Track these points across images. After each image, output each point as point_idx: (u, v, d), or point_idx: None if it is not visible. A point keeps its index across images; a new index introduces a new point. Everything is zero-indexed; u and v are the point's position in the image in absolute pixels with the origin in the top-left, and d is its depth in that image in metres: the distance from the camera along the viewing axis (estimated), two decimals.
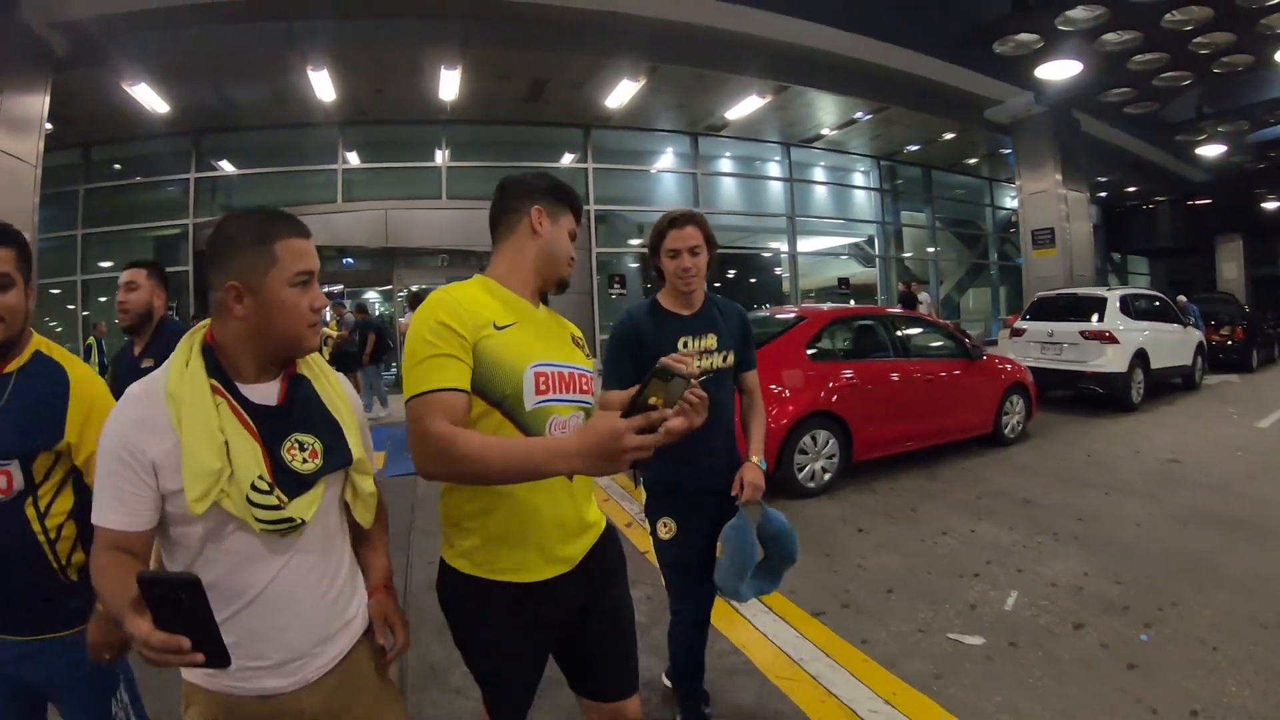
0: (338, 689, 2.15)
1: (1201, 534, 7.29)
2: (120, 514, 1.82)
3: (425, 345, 2.24)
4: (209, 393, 1.91)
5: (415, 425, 2.18)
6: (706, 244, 3.54)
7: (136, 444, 1.83)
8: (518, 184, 2.65)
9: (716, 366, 3.61)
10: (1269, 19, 13.64)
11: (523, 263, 2.58)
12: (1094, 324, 14.26)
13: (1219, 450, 11.01)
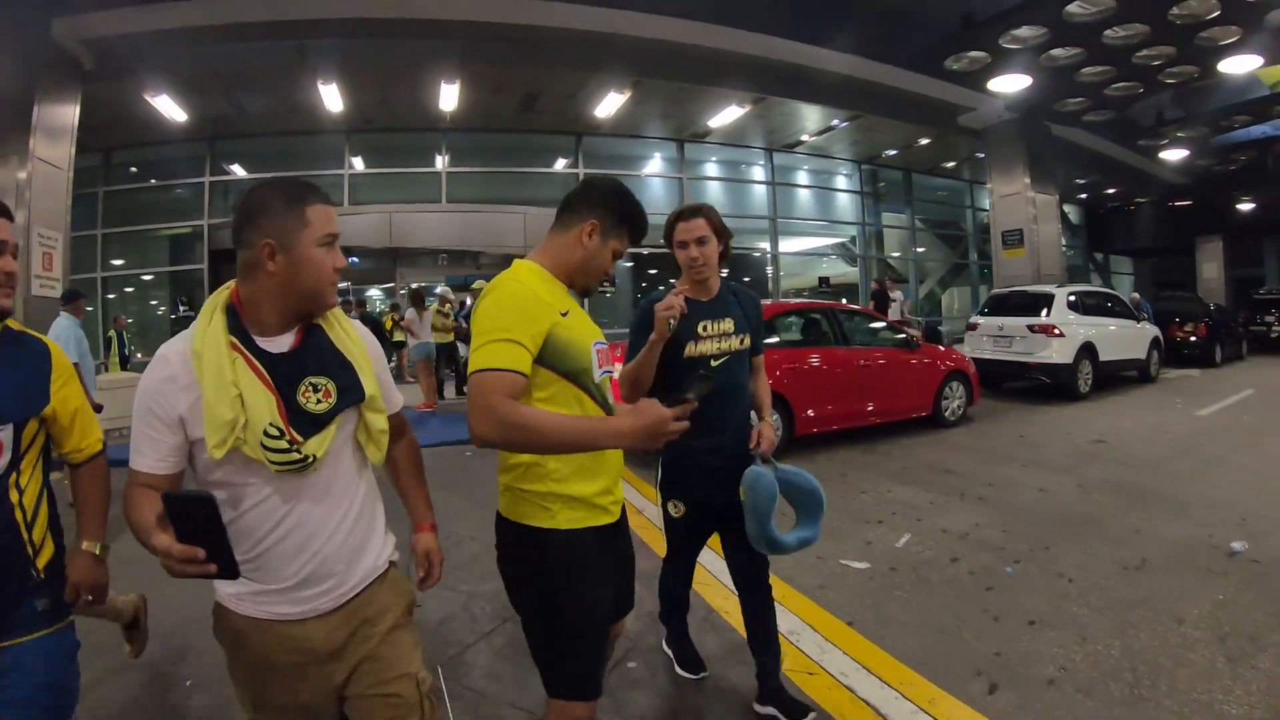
0: (346, 624, 2.33)
1: (1098, 499, 8.24)
2: (150, 459, 2.08)
3: (500, 328, 2.48)
4: (227, 349, 2.11)
5: (480, 395, 2.40)
6: (716, 234, 3.72)
7: (164, 399, 2.08)
8: (592, 191, 2.90)
9: (734, 349, 3.79)
10: (1207, 33, 14.23)
11: (565, 263, 2.81)
12: (1040, 319, 15.16)
13: (1149, 434, 11.84)
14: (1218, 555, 6.46)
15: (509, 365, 2.42)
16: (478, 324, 2.54)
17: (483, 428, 2.38)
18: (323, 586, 2.27)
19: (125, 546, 2.60)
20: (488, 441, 2.41)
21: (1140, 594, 5.68)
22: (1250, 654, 4.66)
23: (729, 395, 3.77)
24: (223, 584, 2.18)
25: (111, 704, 4.29)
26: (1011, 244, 22.28)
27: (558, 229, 2.85)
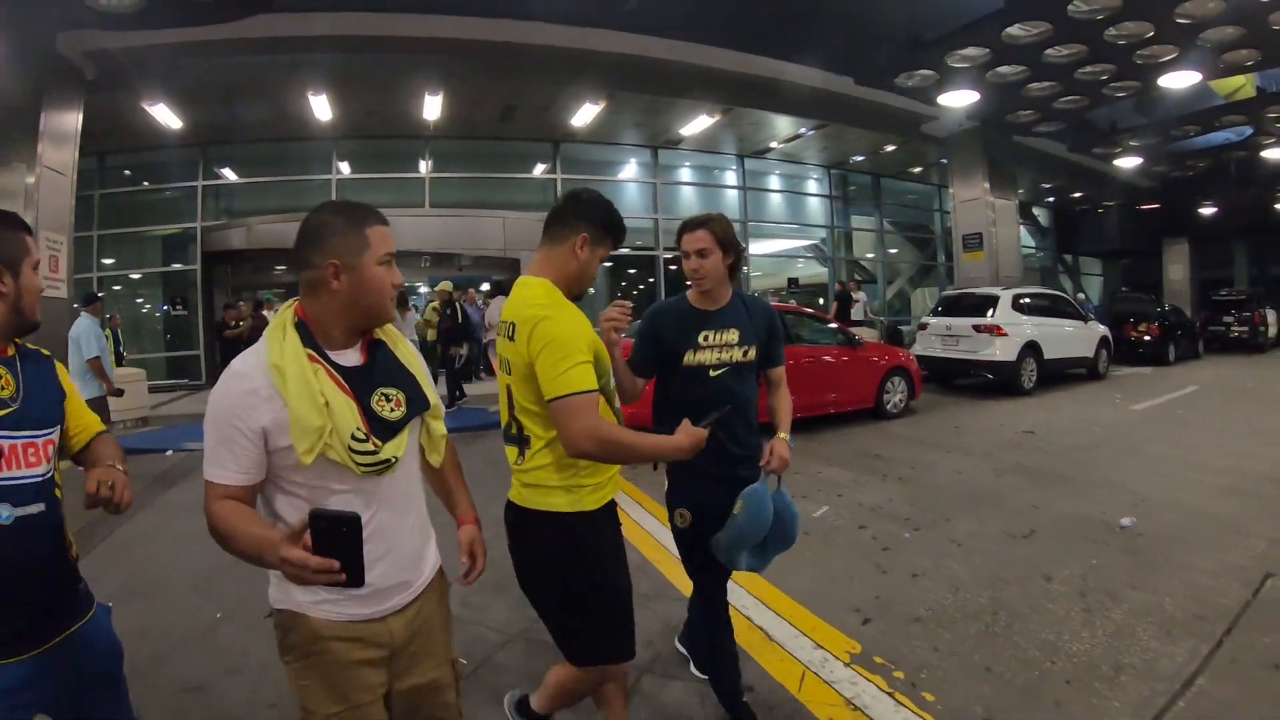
0: (417, 618, 2.48)
1: (1008, 481, 9.09)
2: (233, 471, 2.14)
3: (579, 351, 2.80)
4: (307, 361, 2.21)
5: (582, 416, 2.76)
6: (721, 246, 3.72)
7: (248, 412, 2.14)
8: (578, 204, 3.19)
9: (735, 360, 3.78)
10: (1145, 51, 14.75)
11: (564, 275, 3.10)
12: (986, 319, 15.95)
13: (1078, 426, 12.59)
14: (1104, 529, 7.20)
15: (588, 386, 2.79)
16: (556, 348, 2.80)
17: (587, 445, 2.75)
18: (399, 586, 2.42)
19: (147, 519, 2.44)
20: (587, 455, 2.83)
21: (1019, 556, 6.49)
22: (1106, 607, 5.42)
23: (725, 403, 3.56)
24: (302, 592, 2.25)
25: (159, 638, 5.07)
26: (972, 247, 22.93)
27: (551, 243, 3.16)
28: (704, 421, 3.03)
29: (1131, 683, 4.42)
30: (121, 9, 11.64)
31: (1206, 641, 4.91)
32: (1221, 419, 13.26)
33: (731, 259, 3.78)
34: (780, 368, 4.05)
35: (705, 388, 3.74)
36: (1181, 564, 6.28)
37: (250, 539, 2.03)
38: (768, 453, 3.69)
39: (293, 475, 2.22)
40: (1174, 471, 9.41)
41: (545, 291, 3.02)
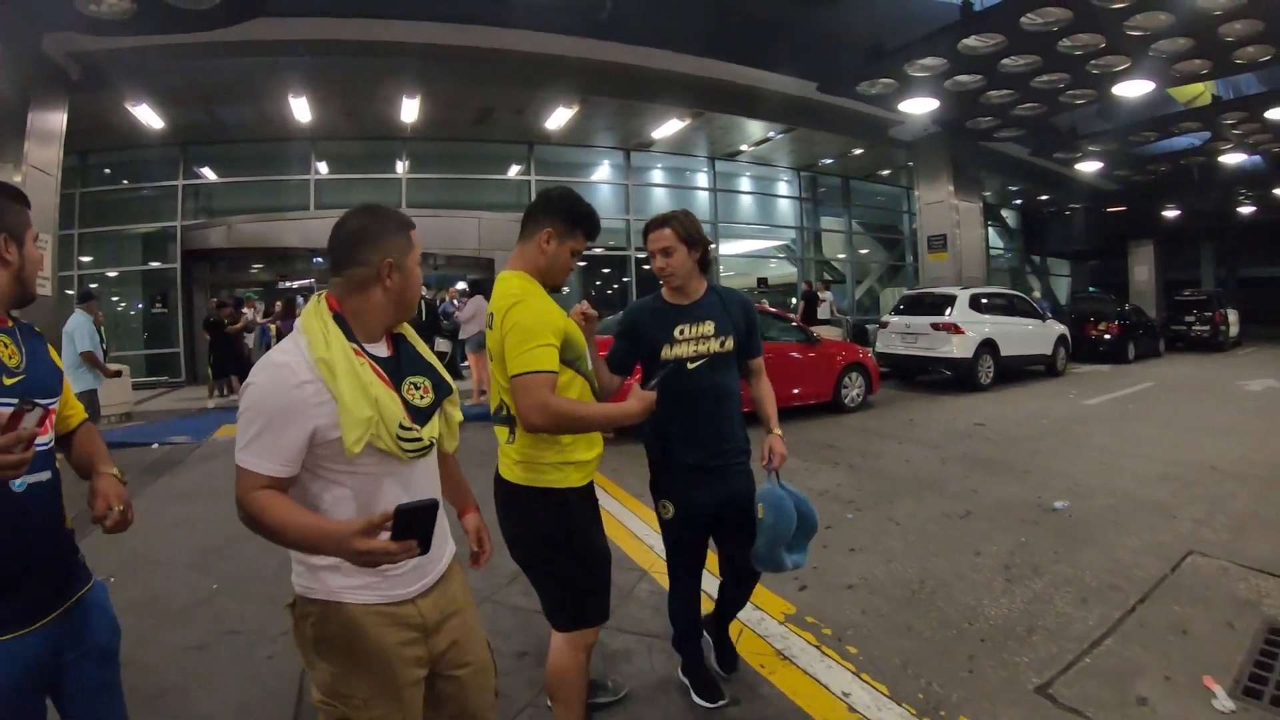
0: (443, 598, 2.54)
1: (953, 468, 9.58)
2: (276, 463, 2.14)
3: (539, 335, 2.99)
4: (353, 354, 2.25)
5: (533, 392, 2.92)
6: (685, 242, 3.75)
7: (299, 406, 2.16)
8: (545, 202, 3.38)
9: (713, 351, 3.80)
10: (1098, 61, 15.07)
11: (535, 268, 3.30)
12: (943, 317, 16.44)
13: (1028, 419, 13.05)
14: (1038, 511, 7.68)
15: (549, 366, 2.98)
16: (519, 331, 3.01)
17: (536, 418, 2.94)
18: (429, 565, 2.48)
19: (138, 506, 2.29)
20: (538, 428, 3.02)
21: (952, 534, 6.97)
22: (1028, 578, 5.89)
23: (708, 396, 3.85)
24: (339, 578, 2.30)
25: (161, 607, 5.56)
26: (936, 248, 23.27)
27: (523, 239, 3.37)
28: (649, 384, 3.23)
29: (1042, 642, 4.83)
30: (113, 16, 11.82)
31: (1119, 609, 5.31)
32: (1170, 413, 13.65)
33: (699, 253, 3.83)
34: (759, 358, 4.09)
35: (685, 380, 3.78)
36: (1107, 542, 6.68)
37: (306, 531, 2.10)
38: (766, 451, 3.78)
39: (331, 464, 2.27)
40: (1114, 461, 9.80)
41: (520, 282, 3.21)
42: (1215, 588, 5.69)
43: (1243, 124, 21.18)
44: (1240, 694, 4.21)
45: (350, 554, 2.00)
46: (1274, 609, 5.25)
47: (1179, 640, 4.85)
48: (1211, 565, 6.15)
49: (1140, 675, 4.43)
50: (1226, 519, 7.35)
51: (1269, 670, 4.44)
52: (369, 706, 2.34)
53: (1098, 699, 4.18)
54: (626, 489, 8.66)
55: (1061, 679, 4.42)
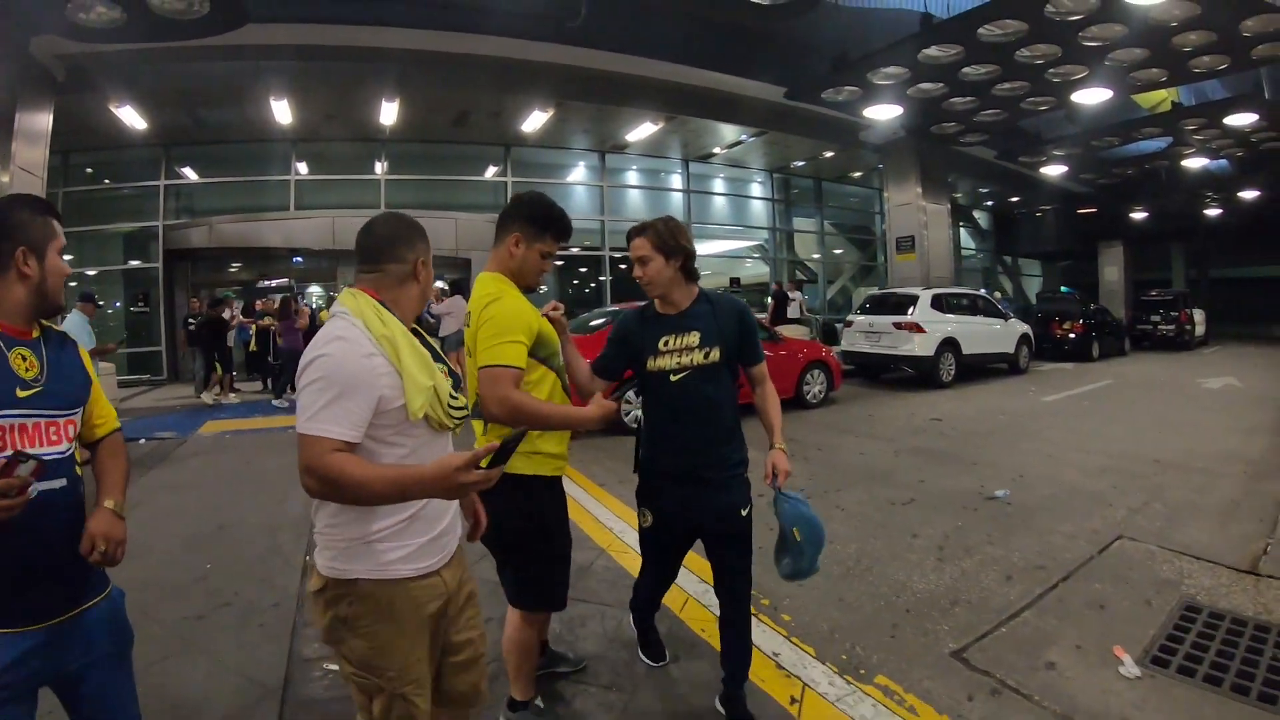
0: (458, 565, 2.72)
1: (904, 460, 9.98)
2: (346, 428, 2.24)
3: (509, 331, 3.19)
4: (408, 332, 2.49)
5: (497, 385, 3.10)
6: (662, 251, 3.63)
7: (369, 375, 2.30)
8: (514, 207, 3.56)
9: (697, 363, 3.67)
10: (1056, 70, 15.41)
11: (507, 270, 3.50)
12: (905, 317, 16.84)
13: (984, 414, 13.44)
14: (979, 499, 8.06)
15: (514, 362, 3.17)
16: (491, 326, 3.23)
17: (495, 409, 3.11)
18: (453, 533, 2.70)
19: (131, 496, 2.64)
20: (496, 419, 3.20)
21: (894, 519, 7.37)
22: (959, 557, 6.29)
23: (693, 408, 3.74)
24: (376, 556, 2.43)
25: (159, 585, 5.96)
26: (904, 249, 23.72)
27: (496, 243, 3.55)
28: (614, 395, 3.42)
29: (963, 613, 5.22)
30: (102, 24, 12.05)
31: (1042, 586, 5.69)
32: (1124, 409, 14.03)
33: (679, 262, 3.71)
34: (759, 365, 3.97)
35: (668, 392, 3.76)
36: (1040, 528, 7.06)
37: (395, 479, 2.21)
38: (769, 467, 3.71)
39: (386, 432, 2.40)
40: (1061, 454, 10.18)
41: (495, 283, 3.44)
42: (1139, 569, 6.00)
43: (1204, 129, 21.58)
44: (1148, 663, 4.50)
45: (452, 487, 2.18)
46: (1194, 589, 5.57)
47: (1095, 615, 5.18)
48: (1139, 549, 6.46)
49: (1052, 644, 4.77)
50: (1162, 508, 7.67)
51: (1179, 642, 4.74)
52: (404, 676, 2.49)
53: (1008, 663, 4.51)
54: (591, 478, 8.93)
55: (976, 645, 4.76)
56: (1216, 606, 5.27)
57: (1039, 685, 4.30)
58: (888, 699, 4.20)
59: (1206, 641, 4.78)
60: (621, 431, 11.36)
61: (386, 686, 2.47)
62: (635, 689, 4.38)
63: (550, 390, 3.56)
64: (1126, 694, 4.19)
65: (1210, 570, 5.97)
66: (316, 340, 2.39)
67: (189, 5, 11.75)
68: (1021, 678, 4.38)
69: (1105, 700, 4.13)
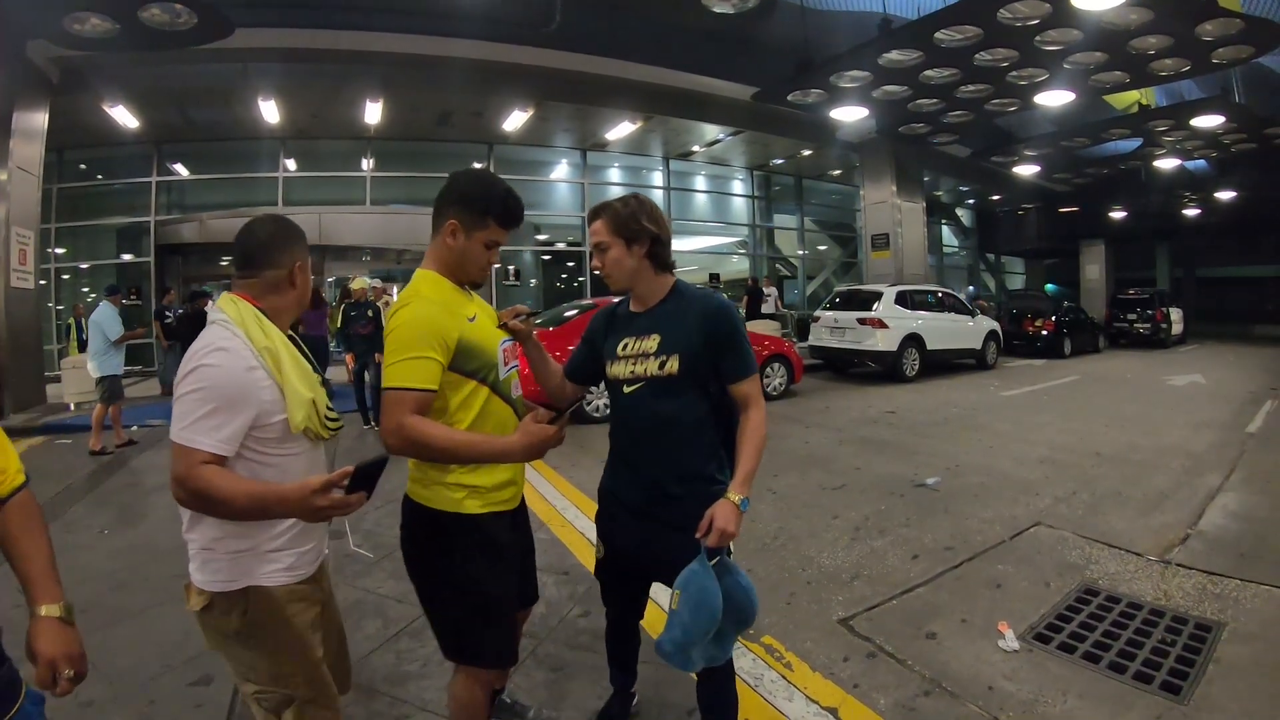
0: (324, 575, 2.71)
1: (846, 449, 10.33)
2: (218, 441, 2.18)
3: (412, 346, 2.64)
4: (289, 343, 2.43)
5: (392, 411, 2.59)
6: (622, 237, 3.07)
7: (250, 390, 2.25)
8: (447, 189, 2.91)
9: (651, 374, 3.07)
10: (1017, 72, 15.68)
11: (445, 265, 2.93)
12: (869, 312, 17.21)
13: (940, 407, 13.76)
14: (908, 485, 8.37)
15: (418, 384, 2.63)
16: (393, 341, 2.67)
17: (391, 440, 2.62)
18: (322, 545, 2.68)
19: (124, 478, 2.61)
20: (394, 451, 2.61)
21: (820, 502, 7.74)
22: (872, 537, 6.66)
23: (645, 429, 3.16)
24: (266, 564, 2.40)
25: (153, 548, 6.47)
26: (879, 246, 24.17)
27: (433, 233, 2.93)
28: (554, 417, 2.65)
29: (860, 587, 5.59)
30: (96, 35, 12.51)
31: (944, 565, 6.02)
32: (1081, 404, 14.29)
33: (643, 248, 3.11)
34: (741, 382, 3.12)
35: (622, 408, 3.27)
36: (961, 513, 7.35)
37: (259, 496, 2.16)
38: (706, 522, 2.86)
39: (263, 446, 2.34)
40: (1003, 445, 10.49)
41: (421, 282, 2.91)
42: (1048, 553, 6.27)
43: (1173, 131, 21.84)
44: (1030, 638, 4.73)
45: (309, 510, 2.13)
46: (1098, 574, 5.79)
47: (990, 593, 5.46)
48: (1053, 535, 6.73)
49: (938, 617, 5.06)
50: (1088, 497, 7.93)
51: (1068, 622, 4.97)
52: (311, 682, 2.49)
53: (890, 631, 4.84)
54: (544, 459, 9.18)
55: (864, 615, 5.11)
56: (1115, 591, 5.47)
57: (915, 652, 4.58)
58: (768, 654, 4.53)
59: (1095, 622, 4.97)
60: (582, 420, 11.81)
61: (298, 695, 2.47)
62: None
63: (480, 412, 2.90)
64: (1000, 665, 4.43)
65: (1119, 557, 6.18)
66: (197, 348, 2.31)
67: (177, 17, 12.12)
68: (900, 644, 4.68)
69: (976, 669, 4.38)
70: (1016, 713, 3.97)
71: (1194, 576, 5.76)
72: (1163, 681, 4.24)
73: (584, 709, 4.07)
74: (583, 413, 11.91)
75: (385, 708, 4.12)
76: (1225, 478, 8.76)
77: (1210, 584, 5.61)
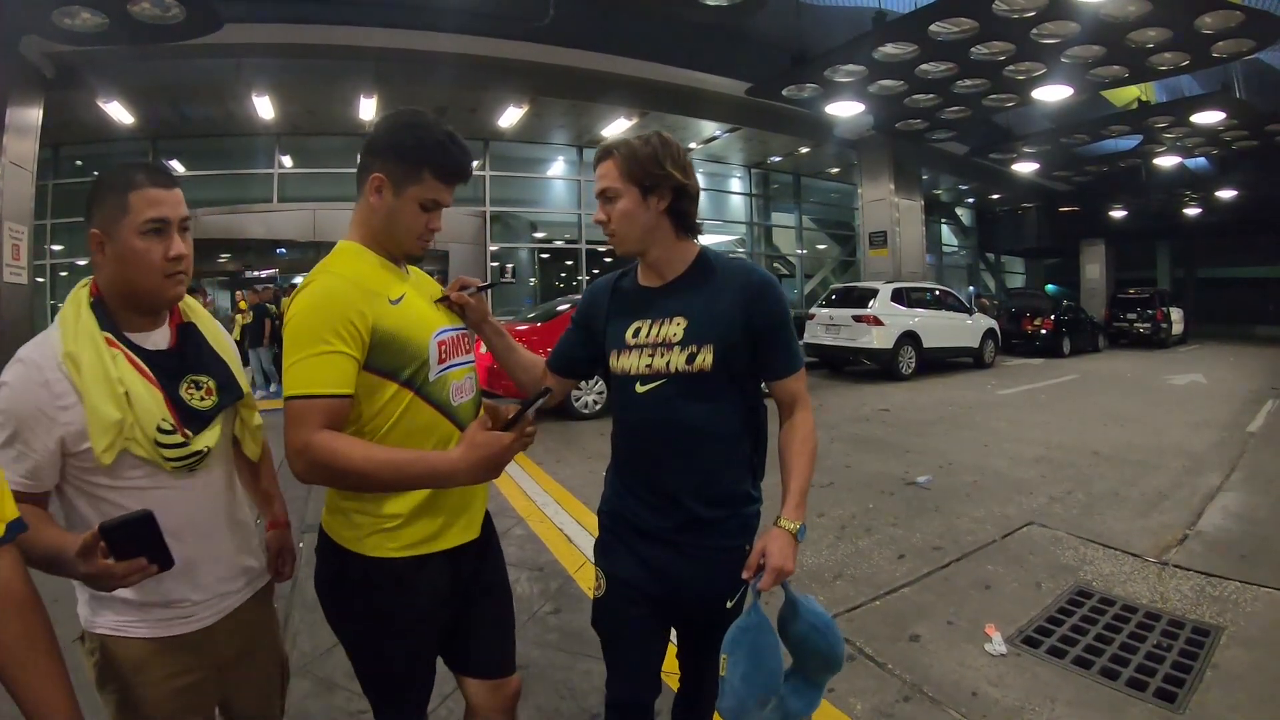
0: (242, 625, 2.24)
1: (838, 446, 10.33)
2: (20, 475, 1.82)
3: (313, 339, 2.03)
4: (104, 346, 1.92)
5: (293, 430, 2.00)
6: (636, 182, 2.34)
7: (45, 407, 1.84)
8: (371, 139, 2.27)
9: (677, 369, 2.39)
10: (1014, 66, 15.53)
11: (371, 231, 2.31)
12: (864, 310, 17.24)
13: (935, 405, 13.76)
14: (898, 484, 8.33)
15: (326, 389, 2.03)
16: (289, 332, 2.09)
17: (298, 465, 2.02)
18: (223, 594, 2.19)
19: None
20: (309, 482, 2.07)
21: (807, 499, 7.69)
22: (857, 536, 6.61)
23: (666, 436, 2.45)
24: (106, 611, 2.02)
25: None
26: (877, 245, 24.02)
27: (357, 192, 2.33)
28: (509, 421, 2.02)
29: (843, 586, 5.53)
30: (86, 29, 12.42)
31: (932, 565, 5.95)
32: (1077, 403, 14.24)
33: (664, 201, 2.38)
34: (787, 379, 2.53)
35: (635, 408, 2.51)
36: (952, 512, 7.30)
37: (47, 549, 1.75)
38: (756, 558, 2.33)
39: (94, 477, 1.93)
40: (997, 444, 10.43)
41: (335, 255, 2.30)
42: (1040, 553, 6.19)
43: (1173, 127, 21.64)
44: (1019, 642, 4.65)
45: (81, 578, 1.75)
46: (1092, 575, 5.71)
47: (979, 594, 5.38)
48: (1046, 534, 6.67)
49: (923, 619, 4.98)
50: (1084, 497, 7.83)
51: (1059, 625, 4.88)
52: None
53: (871, 632, 4.77)
54: (528, 454, 8.99)
55: (846, 615, 5.03)
56: (1109, 593, 5.39)
57: (896, 655, 4.50)
58: None
59: (1088, 626, 4.89)
60: (571, 415, 11.77)
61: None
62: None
63: (398, 421, 2.22)
64: (985, 669, 4.34)
65: (1114, 558, 6.10)
66: None
67: (166, 10, 12.05)
68: (880, 647, 4.59)
69: (960, 674, 4.29)
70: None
71: (1192, 578, 5.66)
72: (1157, 689, 4.14)
73: (546, 711, 3.89)
74: (568, 409, 11.85)
75: (344, 702, 4.04)
76: (1225, 477, 8.67)
77: (1209, 586, 5.50)
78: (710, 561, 2.44)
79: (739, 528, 2.49)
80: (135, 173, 2.01)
